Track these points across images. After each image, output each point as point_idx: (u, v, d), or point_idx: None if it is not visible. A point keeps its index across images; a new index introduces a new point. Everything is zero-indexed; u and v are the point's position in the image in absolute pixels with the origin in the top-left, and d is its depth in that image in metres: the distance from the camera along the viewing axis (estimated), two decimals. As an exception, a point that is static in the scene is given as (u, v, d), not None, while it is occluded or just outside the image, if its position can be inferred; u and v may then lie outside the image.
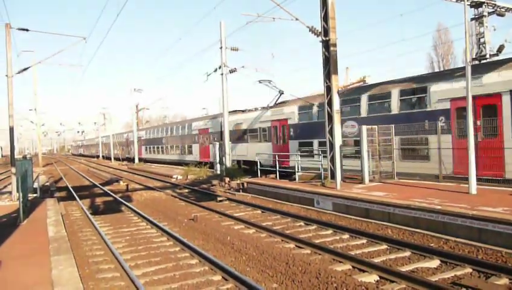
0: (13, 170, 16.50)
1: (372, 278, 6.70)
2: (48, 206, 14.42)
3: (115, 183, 25.97)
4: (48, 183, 26.78)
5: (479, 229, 8.32)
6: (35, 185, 19.55)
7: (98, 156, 75.48)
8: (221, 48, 23.24)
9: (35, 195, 17.77)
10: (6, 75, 16.80)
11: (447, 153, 13.65)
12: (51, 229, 10.17)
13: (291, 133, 21.87)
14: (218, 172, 24.50)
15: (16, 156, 17.72)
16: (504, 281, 6.24)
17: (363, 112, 17.57)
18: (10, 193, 17.00)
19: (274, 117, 23.38)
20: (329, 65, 14.83)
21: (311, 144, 20.04)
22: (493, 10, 11.19)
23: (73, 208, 16.26)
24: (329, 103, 14.88)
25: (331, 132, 14.85)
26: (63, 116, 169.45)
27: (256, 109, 26.34)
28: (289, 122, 22.00)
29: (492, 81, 12.43)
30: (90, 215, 13.45)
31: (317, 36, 14.94)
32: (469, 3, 11.17)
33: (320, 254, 8.19)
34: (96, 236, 10.76)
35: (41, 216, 12.26)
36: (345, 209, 12.05)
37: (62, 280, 6.22)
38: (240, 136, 26.91)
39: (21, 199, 11.66)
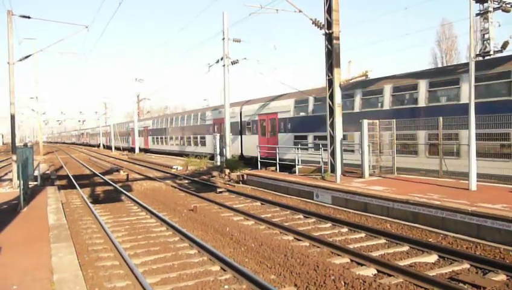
0: (14, 157, 16.53)
1: (370, 271, 6.74)
2: (48, 194, 14.46)
3: (115, 173, 26.02)
4: (48, 172, 26.82)
5: (477, 225, 8.35)
6: (36, 173, 19.58)
7: (85, 145, 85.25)
8: (223, 39, 23.05)
9: (35, 183, 17.80)
10: (8, 62, 16.75)
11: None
12: (51, 217, 10.22)
13: (150, 134, 48.24)
14: (218, 163, 24.53)
15: (16, 144, 17.71)
16: (501, 277, 6.27)
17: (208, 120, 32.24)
18: (11, 180, 17.06)
19: (145, 125, 50.33)
20: (332, 58, 14.75)
21: (162, 138, 43.68)
22: (499, 6, 11.05)
23: (74, 196, 16.33)
24: (331, 97, 14.81)
25: (332, 125, 14.78)
26: (64, 105, 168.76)
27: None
28: (148, 128, 48.73)
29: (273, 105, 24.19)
30: (90, 204, 13.49)
31: (321, 29, 14.84)
32: (474, -2, 11.09)
33: (318, 247, 8.24)
34: (96, 225, 10.81)
35: (41, 204, 12.31)
36: (344, 203, 12.08)
37: (62, 267, 6.26)
38: (140, 133, 52.25)
39: (21, 187, 11.67)
